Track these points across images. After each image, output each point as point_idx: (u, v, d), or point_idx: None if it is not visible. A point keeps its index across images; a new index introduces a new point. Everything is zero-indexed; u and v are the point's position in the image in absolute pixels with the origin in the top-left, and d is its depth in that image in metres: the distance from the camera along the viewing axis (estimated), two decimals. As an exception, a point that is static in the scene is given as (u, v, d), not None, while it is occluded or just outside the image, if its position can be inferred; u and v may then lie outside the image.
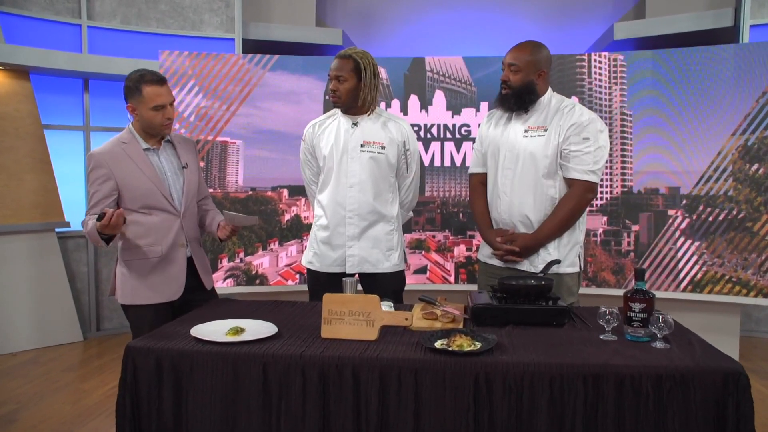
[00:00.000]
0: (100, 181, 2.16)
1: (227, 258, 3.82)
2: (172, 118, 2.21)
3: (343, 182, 2.37)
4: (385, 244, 2.41)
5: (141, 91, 2.14)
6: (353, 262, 2.39)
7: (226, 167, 3.83)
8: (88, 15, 4.36)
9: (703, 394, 1.48)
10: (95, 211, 2.13)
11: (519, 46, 2.31)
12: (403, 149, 2.43)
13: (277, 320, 1.95)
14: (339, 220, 2.39)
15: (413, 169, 2.49)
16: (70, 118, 4.51)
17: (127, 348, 1.71)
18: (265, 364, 1.64)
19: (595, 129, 2.27)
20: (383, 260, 2.41)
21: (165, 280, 2.21)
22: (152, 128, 2.20)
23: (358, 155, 2.36)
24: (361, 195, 2.37)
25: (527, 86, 2.28)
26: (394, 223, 2.45)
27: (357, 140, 2.37)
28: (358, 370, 1.60)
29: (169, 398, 1.67)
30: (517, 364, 1.55)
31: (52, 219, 4.20)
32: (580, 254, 2.38)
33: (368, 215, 2.38)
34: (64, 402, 3.15)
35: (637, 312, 1.72)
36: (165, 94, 2.18)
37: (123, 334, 4.45)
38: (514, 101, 2.31)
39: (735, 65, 3.45)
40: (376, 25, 5.42)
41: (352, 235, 2.38)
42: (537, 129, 2.31)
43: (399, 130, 2.42)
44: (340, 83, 2.31)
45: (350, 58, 2.31)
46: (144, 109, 2.15)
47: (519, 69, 2.27)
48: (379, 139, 2.38)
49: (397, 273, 2.46)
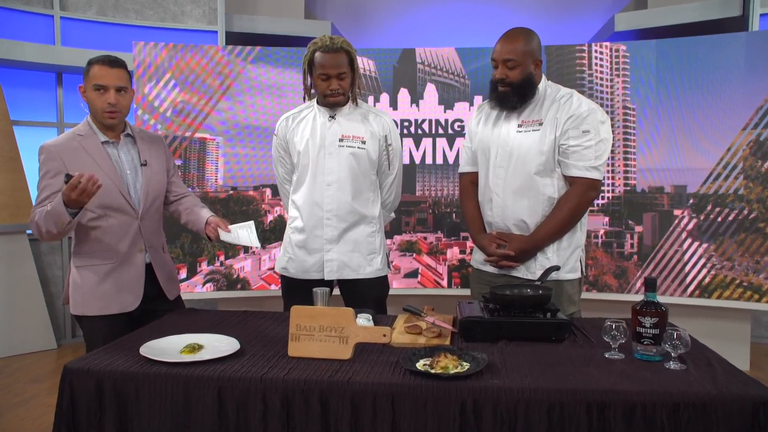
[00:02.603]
0: (51, 174, 1.96)
1: (207, 261, 3.61)
2: (114, 105, 1.98)
3: (319, 180, 2.17)
4: (366, 248, 2.21)
5: (90, 70, 1.99)
6: (332, 268, 2.18)
7: (205, 165, 3.62)
8: (62, 5, 4.14)
9: (729, 425, 1.27)
10: (42, 205, 1.91)
11: (510, 38, 2.06)
12: (385, 144, 2.23)
13: (242, 334, 1.75)
14: (316, 221, 2.18)
15: (396, 166, 2.29)
16: (43, 114, 4.31)
17: (65, 369, 1.50)
18: (220, 388, 1.44)
19: (596, 120, 2.05)
20: (365, 265, 2.20)
21: (120, 288, 1.99)
22: (96, 113, 2.01)
23: (336, 150, 2.16)
24: (340, 194, 2.16)
25: (528, 80, 2.06)
26: (375, 224, 2.25)
27: (335, 134, 2.17)
28: (327, 395, 1.39)
29: (111, 428, 1.46)
30: (510, 389, 1.35)
31: (22, 220, 3.98)
32: (581, 258, 2.16)
33: (347, 216, 2.18)
34: (23, 419, 2.93)
35: (647, 327, 1.51)
36: (109, 76, 1.98)
37: (99, 342, 4.23)
38: (517, 99, 2.07)
39: (745, 55, 3.24)
40: (367, 17, 5.22)
41: (331, 238, 2.18)
42: (531, 123, 2.09)
43: (380, 123, 2.23)
44: (342, 80, 2.11)
45: (343, 50, 2.10)
46: (88, 88, 1.99)
47: (516, 64, 2.03)
48: (359, 133, 2.18)
49: (380, 279, 2.26)
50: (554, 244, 2.10)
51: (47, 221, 1.86)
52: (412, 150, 3.62)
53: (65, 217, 1.82)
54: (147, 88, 3.49)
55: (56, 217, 1.83)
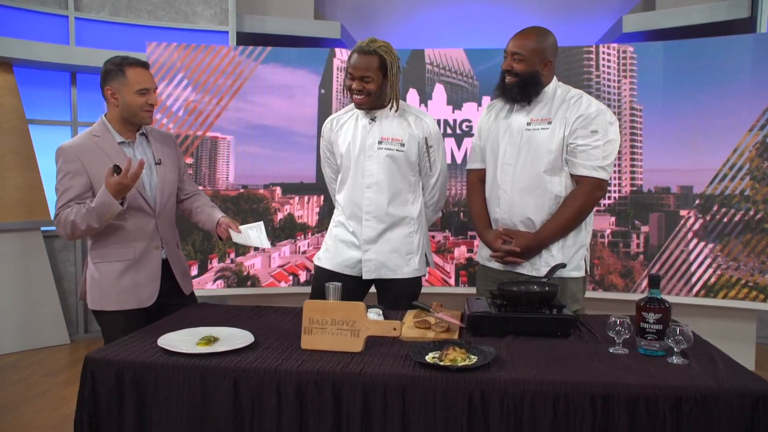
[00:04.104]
0: (71, 176, 1.99)
1: (217, 259, 3.67)
2: (155, 105, 2.06)
3: (360, 182, 2.22)
4: (404, 248, 2.25)
5: (125, 72, 2.01)
6: (370, 267, 2.23)
7: (217, 164, 3.67)
8: (76, 6, 4.21)
9: (729, 419, 1.31)
10: (65, 209, 1.96)
11: (523, 33, 2.13)
12: (425, 146, 2.24)
13: (256, 328, 1.80)
14: (356, 221, 2.24)
15: (438, 168, 2.30)
16: (57, 113, 4.37)
17: (86, 359, 1.55)
18: (236, 378, 1.48)
19: (604, 121, 2.09)
20: (403, 265, 2.25)
21: (137, 284, 2.05)
22: (134, 114, 2.04)
23: (376, 153, 2.19)
24: (379, 196, 2.20)
25: (532, 76, 2.10)
26: (414, 224, 2.27)
27: (374, 137, 2.20)
28: (339, 386, 1.44)
29: (130, 416, 1.52)
30: (516, 381, 1.39)
31: (37, 217, 4.05)
32: (585, 258, 2.20)
33: (385, 217, 2.22)
34: (40, 410, 3.00)
35: (651, 323, 1.54)
36: (149, 79, 2.05)
37: (111, 337, 4.30)
38: (518, 91, 2.13)
39: (753, 57, 3.26)
40: (377, 18, 5.26)
41: (369, 239, 2.22)
42: (541, 121, 2.13)
43: (420, 125, 2.23)
44: (366, 83, 2.12)
45: (375, 54, 2.10)
46: (127, 92, 2.01)
47: (523, 58, 2.08)
48: (397, 135, 2.20)
49: (415, 279, 2.30)
50: (559, 242, 2.13)
51: (88, 218, 1.91)
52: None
53: (115, 207, 1.90)
54: (160, 87, 3.55)
55: (104, 209, 1.90)
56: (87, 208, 1.92)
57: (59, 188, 2.02)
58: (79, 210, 1.93)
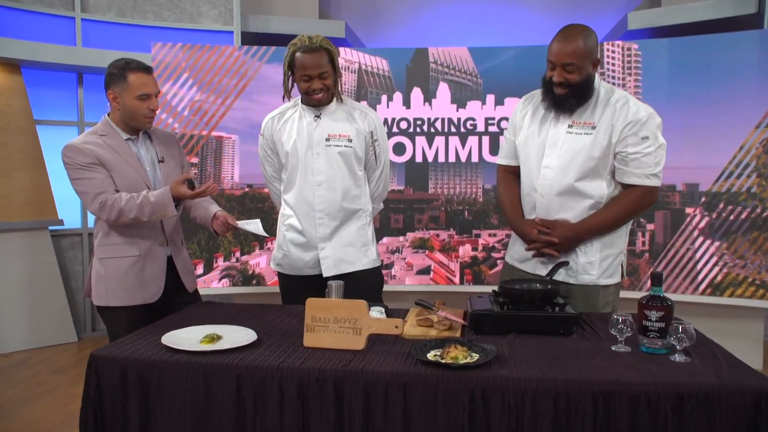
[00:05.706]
0: (89, 168, 2.00)
1: (223, 257, 3.69)
2: (155, 110, 2.08)
3: (309, 180, 2.19)
4: (359, 241, 2.25)
5: (126, 77, 2.02)
6: (328, 264, 2.23)
7: (222, 163, 3.69)
8: (82, 7, 4.24)
9: (731, 416, 1.30)
10: (106, 194, 1.98)
11: (568, 38, 1.92)
12: (371, 140, 2.24)
13: (259, 326, 1.81)
14: (309, 220, 2.22)
15: (383, 160, 2.31)
16: (64, 114, 4.40)
17: (91, 357, 1.57)
18: (239, 376, 1.49)
19: (654, 125, 1.96)
20: (361, 257, 2.25)
21: (142, 281, 2.07)
22: (134, 119, 2.06)
23: (324, 150, 2.18)
24: (330, 193, 2.19)
25: (586, 81, 1.96)
26: (366, 217, 2.28)
27: (321, 134, 2.18)
28: (341, 384, 1.44)
29: (135, 413, 1.53)
30: (518, 378, 1.39)
31: (44, 217, 4.09)
32: (623, 263, 2.11)
33: (338, 214, 2.22)
34: (48, 407, 3.02)
35: (653, 321, 1.54)
36: (151, 84, 2.06)
37: (119, 336, 4.33)
38: (575, 102, 1.97)
39: (759, 53, 3.23)
40: (381, 17, 5.26)
41: (324, 236, 2.22)
42: (583, 125, 2.00)
43: (366, 119, 2.23)
44: (324, 79, 2.11)
45: (322, 49, 2.09)
46: (128, 97, 2.03)
47: (576, 67, 1.91)
48: (344, 131, 2.19)
49: (375, 270, 2.29)
50: (598, 244, 2.03)
51: (141, 210, 1.96)
52: (425, 148, 3.66)
53: (171, 210, 1.98)
54: (165, 87, 3.57)
55: (159, 208, 1.97)
56: (143, 200, 1.96)
57: (81, 179, 2.01)
58: (131, 200, 1.97)
